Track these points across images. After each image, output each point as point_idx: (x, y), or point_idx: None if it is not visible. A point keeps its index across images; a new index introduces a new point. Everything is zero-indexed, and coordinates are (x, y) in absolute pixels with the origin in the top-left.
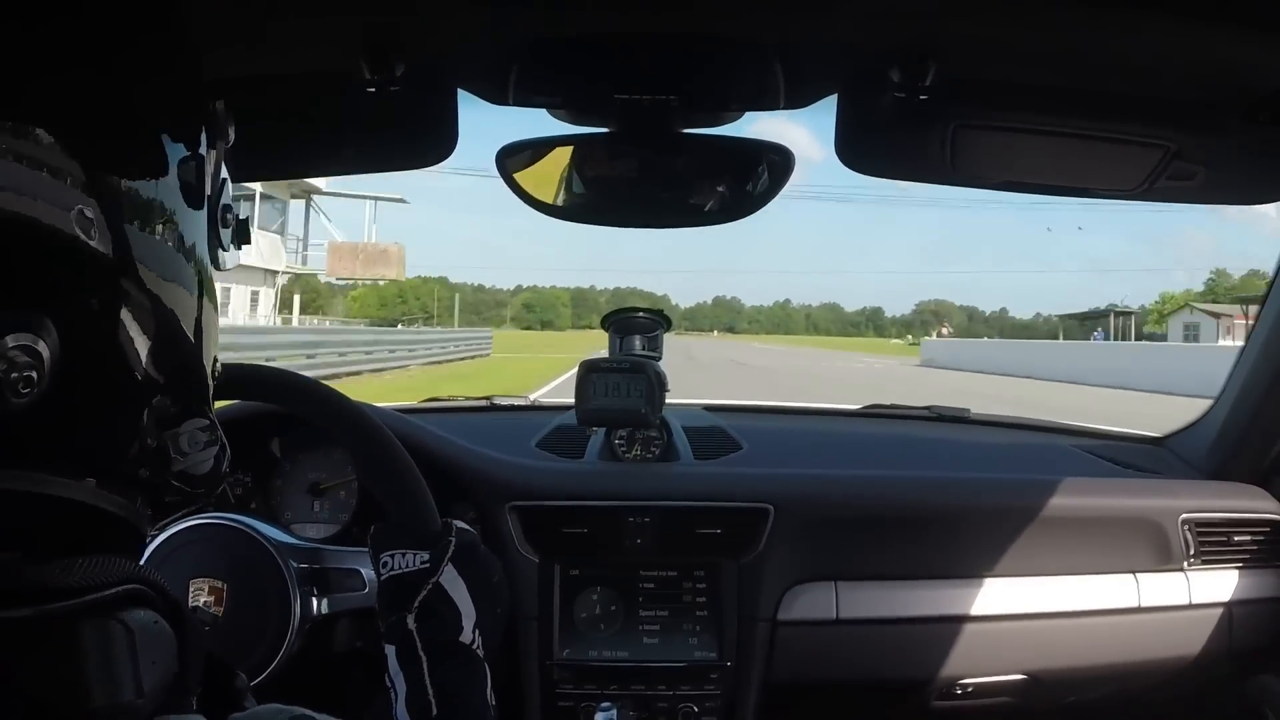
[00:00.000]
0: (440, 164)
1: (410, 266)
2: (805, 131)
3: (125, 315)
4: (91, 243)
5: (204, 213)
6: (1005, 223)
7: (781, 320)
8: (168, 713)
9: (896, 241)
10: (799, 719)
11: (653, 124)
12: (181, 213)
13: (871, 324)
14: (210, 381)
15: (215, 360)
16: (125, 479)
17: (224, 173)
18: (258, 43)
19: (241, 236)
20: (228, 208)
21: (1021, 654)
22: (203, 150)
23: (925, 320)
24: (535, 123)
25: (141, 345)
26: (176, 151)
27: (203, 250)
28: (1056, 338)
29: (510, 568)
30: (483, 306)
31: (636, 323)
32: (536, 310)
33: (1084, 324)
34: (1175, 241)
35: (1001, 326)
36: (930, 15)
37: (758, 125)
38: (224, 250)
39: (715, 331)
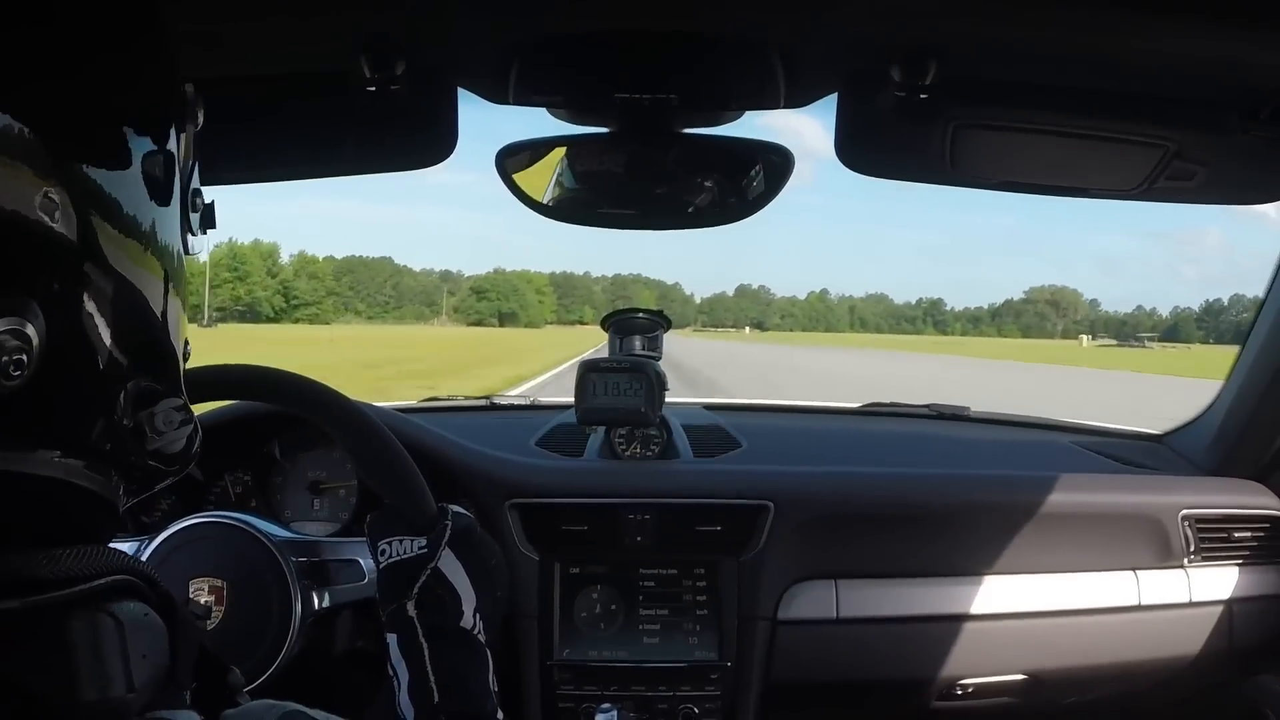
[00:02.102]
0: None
1: (348, 247)
2: (818, 125)
3: (90, 298)
4: (55, 226)
5: (175, 204)
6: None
7: (820, 314)
8: (160, 708)
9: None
10: (799, 718)
11: (653, 123)
12: (147, 204)
13: (930, 318)
14: (181, 362)
15: (185, 342)
16: (101, 457)
17: (192, 158)
18: (258, 43)
19: (208, 222)
20: (197, 192)
21: (1022, 653)
22: (171, 146)
23: (1040, 313)
24: (535, 122)
25: (109, 326)
26: (142, 144)
27: (170, 233)
28: (1178, 336)
29: (510, 566)
30: (436, 294)
31: (636, 323)
32: (493, 297)
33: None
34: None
35: (1093, 321)
36: (930, 14)
37: (766, 119)
38: (193, 234)
39: (747, 328)
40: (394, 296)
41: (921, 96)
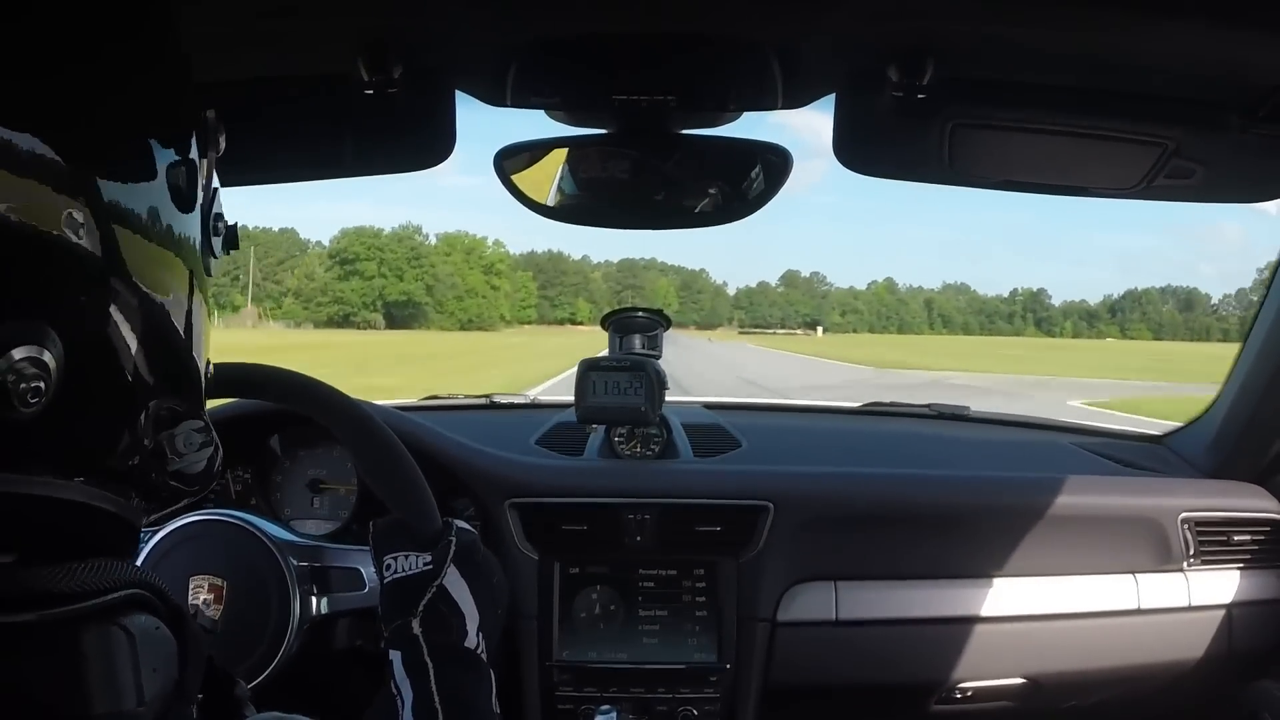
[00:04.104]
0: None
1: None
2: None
3: (116, 314)
4: (81, 243)
5: (196, 217)
6: None
7: (891, 309)
8: None
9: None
10: None
11: (651, 124)
12: (171, 216)
13: (1030, 314)
14: (203, 383)
15: (208, 363)
16: (122, 479)
17: (215, 181)
18: (256, 45)
19: (231, 243)
20: (219, 216)
21: (1021, 657)
22: (193, 155)
23: None
24: (533, 124)
25: (132, 344)
26: (165, 156)
27: (193, 254)
28: None
29: (510, 566)
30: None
31: (636, 322)
32: (371, 273)
33: None
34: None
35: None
36: (928, 14)
37: (781, 115)
38: (215, 257)
39: (820, 329)
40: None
41: (919, 96)
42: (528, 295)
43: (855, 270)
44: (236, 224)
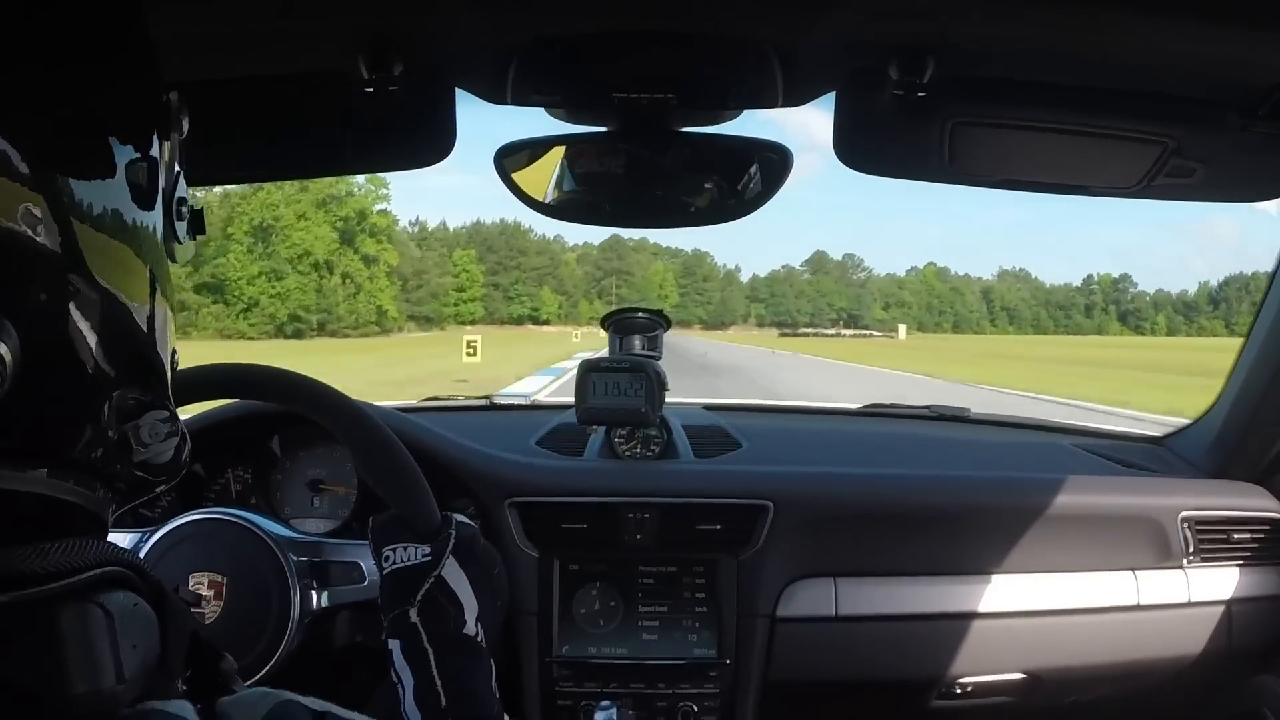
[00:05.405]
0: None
1: None
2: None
3: (75, 311)
4: (39, 239)
5: (157, 213)
6: None
7: (945, 301)
8: (151, 698)
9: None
10: (798, 718)
11: (651, 122)
12: (132, 213)
13: (1113, 306)
14: (168, 373)
15: (173, 352)
16: (86, 470)
17: (178, 166)
18: (257, 44)
19: (197, 227)
20: (182, 200)
21: (1021, 652)
22: (154, 151)
23: None
24: (534, 122)
25: (93, 339)
26: (125, 153)
27: (155, 249)
28: None
29: (510, 563)
30: None
31: (636, 322)
32: None
33: None
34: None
35: None
36: (929, 12)
37: (775, 112)
38: (179, 243)
39: (902, 329)
40: None
41: (919, 94)
42: (470, 282)
43: (892, 255)
44: (203, 208)
